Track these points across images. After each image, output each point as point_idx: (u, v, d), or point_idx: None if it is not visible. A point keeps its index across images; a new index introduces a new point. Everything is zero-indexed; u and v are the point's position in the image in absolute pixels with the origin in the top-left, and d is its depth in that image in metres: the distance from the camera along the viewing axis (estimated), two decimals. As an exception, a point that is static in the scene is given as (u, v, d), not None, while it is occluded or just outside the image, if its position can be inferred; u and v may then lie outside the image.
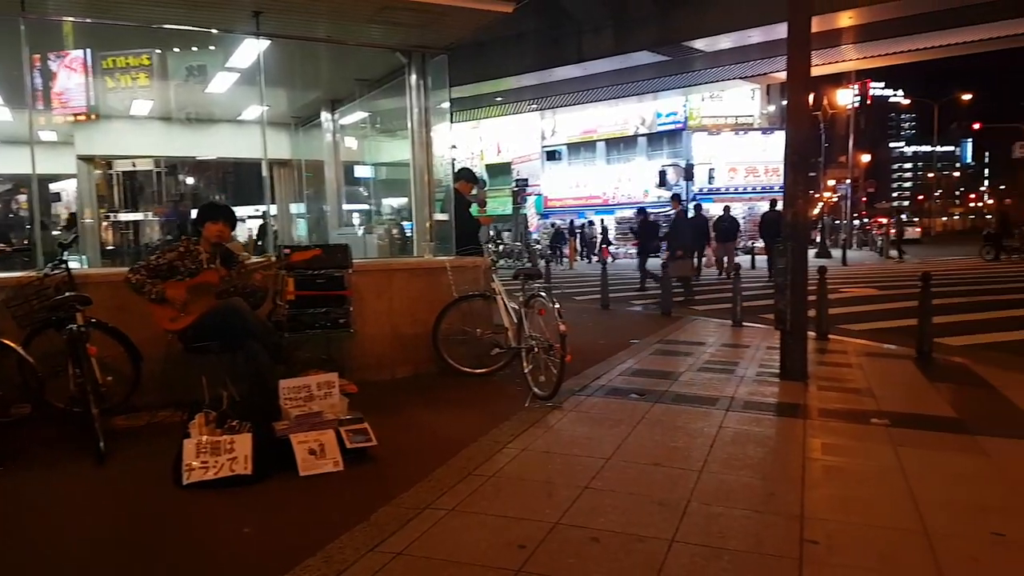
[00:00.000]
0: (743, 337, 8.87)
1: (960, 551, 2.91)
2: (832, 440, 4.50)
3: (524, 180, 36.66)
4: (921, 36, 21.27)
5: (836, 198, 53.69)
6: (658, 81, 28.68)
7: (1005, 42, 23.43)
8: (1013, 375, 6.31)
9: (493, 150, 44.92)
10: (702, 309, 12.26)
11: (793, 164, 6.24)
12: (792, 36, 6.11)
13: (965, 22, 20.10)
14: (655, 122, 37.64)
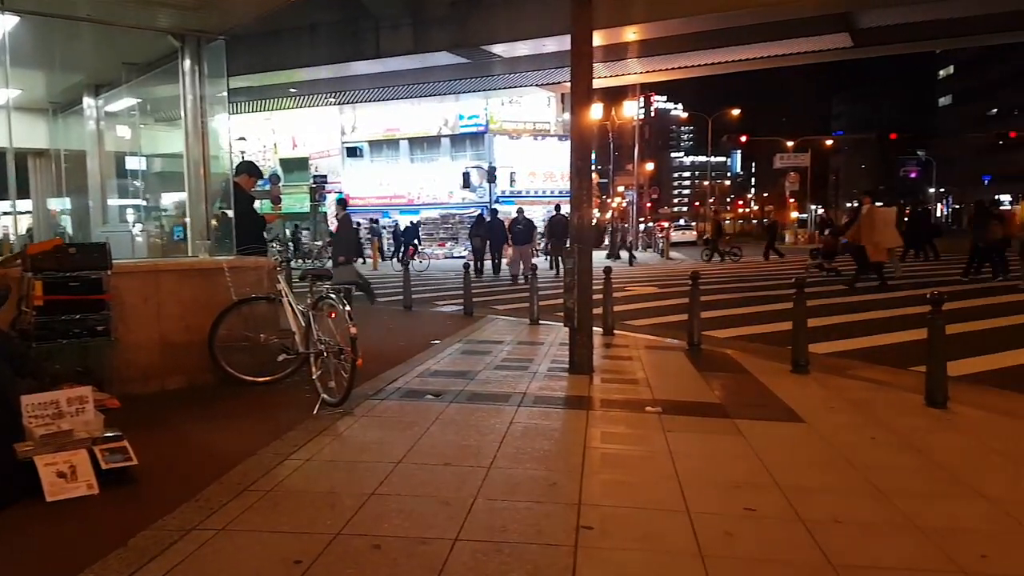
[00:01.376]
0: (539, 335, 9.17)
1: (716, 527, 3.15)
2: (611, 429, 4.74)
3: (323, 177, 35.58)
4: (696, 53, 23.34)
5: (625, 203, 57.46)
6: (459, 83, 29.05)
7: (769, 61, 26.32)
8: (767, 363, 7.02)
9: (288, 143, 43.06)
10: (503, 309, 12.55)
11: (578, 170, 6.53)
12: (575, 47, 6.40)
13: (735, 42, 22.30)
14: (458, 124, 38.11)
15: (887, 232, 15.04)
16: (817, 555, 2.88)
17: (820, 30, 20.56)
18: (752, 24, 20.39)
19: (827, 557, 2.85)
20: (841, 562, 2.81)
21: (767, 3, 17.41)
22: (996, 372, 6.67)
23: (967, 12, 19.86)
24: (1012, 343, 7.96)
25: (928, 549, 2.94)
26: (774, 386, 5.98)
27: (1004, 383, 6.24)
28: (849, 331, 9.08)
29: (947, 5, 18.72)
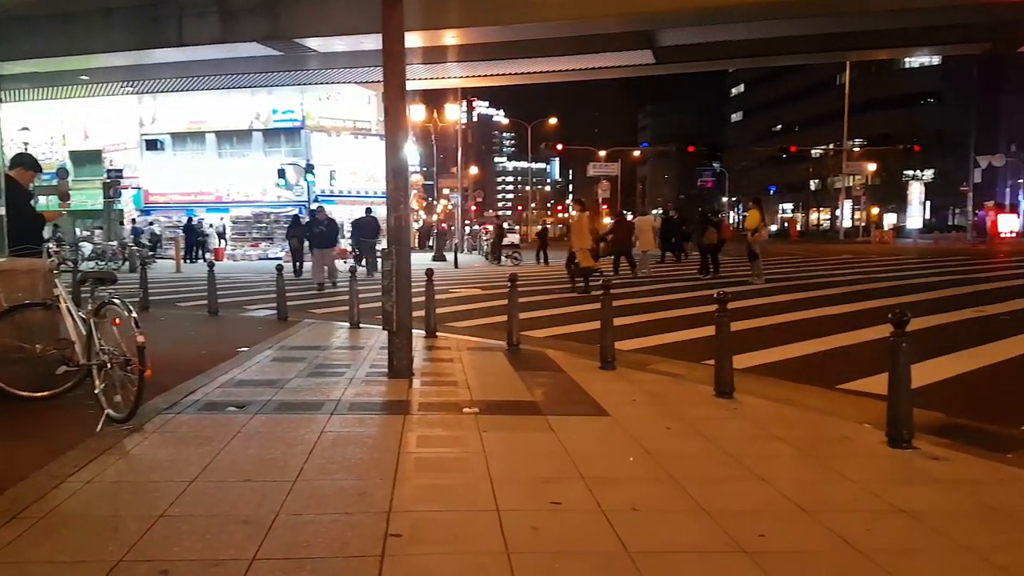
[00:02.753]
0: (359, 339, 8.97)
1: (523, 523, 3.22)
2: (428, 432, 4.71)
3: (118, 171, 32.70)
4: (513, 62, 23.98)
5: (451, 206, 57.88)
6: (273, 76, 27.75)
7: (581, 74, 27.56)
8: (580, 361, 7.32)
9: (79, 135, 39.07)
10: (321, 312, 12.16)
11: (394, 170, 6.45)
12: (387, 46, 6.33)
13: (549, 53, 23.13)
14: (271, 118, 36.41)
15: (630, 236, 18.63)
16: (615, 544, 3.01)
17: (626, 46, 21.85)
18: (564, 37, 21.26)
19: (624, 545, 2.99)
20: (637, 549, 2.96)
21: (572, 17, 18.23)
22: (775, 364, 7.36)
23: (751, 35, 21.97)
24: (786, 339, 8.84)
25: (714, 531, 3.17)
26: (584, 382, 6.23)
27: (783, 374, 6.90)
28: (650, 329, 9.68)
29: (736, 28, 20.59)
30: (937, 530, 3.19)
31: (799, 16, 18.84)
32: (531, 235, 73.87)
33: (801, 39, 22.51)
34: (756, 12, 18.30)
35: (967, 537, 3.11)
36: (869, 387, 5.95)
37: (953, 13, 19.21)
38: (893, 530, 3.21)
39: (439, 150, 44.57)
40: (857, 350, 7.86)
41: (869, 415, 4.98)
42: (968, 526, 3.24)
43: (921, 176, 60.52)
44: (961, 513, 3.41)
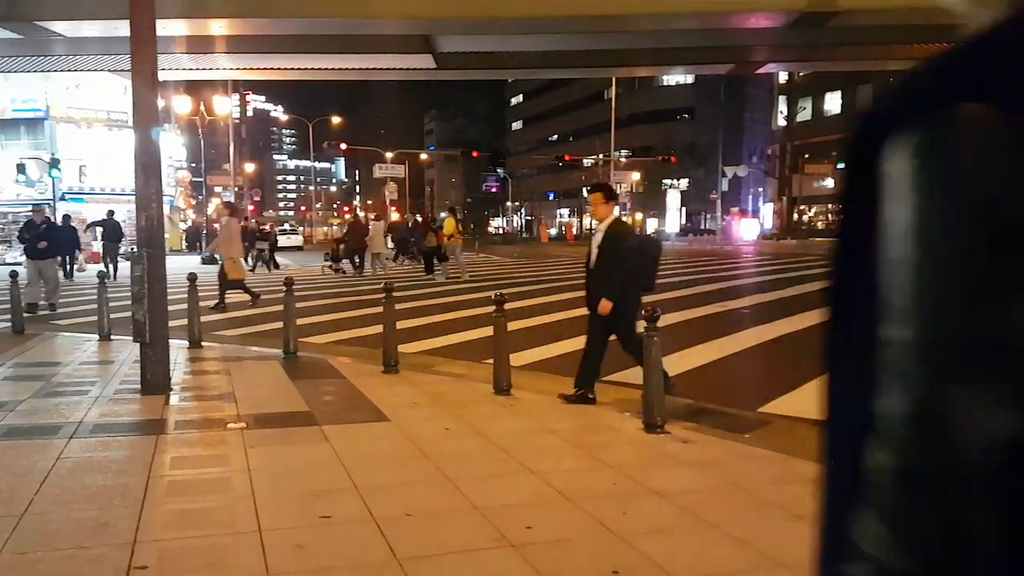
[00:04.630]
0: (110, 352, 8.11)
1: (288, 541, 3.04)
2: (185, 453, 4.33)
3: None
4: (288, 56, 22.93)
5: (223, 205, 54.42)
6: (12, 61, 24.35)
7: (362, 73, 27.10)
8: (362, 366, 7.15)
9: None
10: (66, 324, 10.83)
11: (144, 166, 5.89)
12: (135, 33, 5.79)
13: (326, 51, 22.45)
14: (9, 107, 32.04)
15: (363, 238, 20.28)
16: (385, 552, 2.93)
17: (406, 49, 21.81)
18: (343, 35, 20.77)
19: (394, 553, 2.93)
20: (407, 555, 2.90)
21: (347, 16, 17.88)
22: (550, 360, 7.68)
23: (528, 47, 22.92)
24: (561, 335, 9.28)
25: (485, 528, 3.20)
26: (365, 388, 6.09)
27: (557, 369, 7.21)
28: (435, 330, 9.72)
29: (513, 40, 21.35)
30: (686, 508, 3.46)
31: (568, 32, 19.95)
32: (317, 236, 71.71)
33: (573, 54, 23.85)
34: (528, 26, 19.12)
35: (712, 514, 3.40)
36: (631, 378, 6.37)
37: (701, 36, 21.35)
38: (647, 511, 3.44)
39: (209, 145, 41.70)
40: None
41: (631, 404, 5.32)
42: (713, 503, 3.55)
43: (677, 185, 66.68)
44: (707, 491, 3.74)
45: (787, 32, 19.89)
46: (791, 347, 8.42)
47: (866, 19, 18.78)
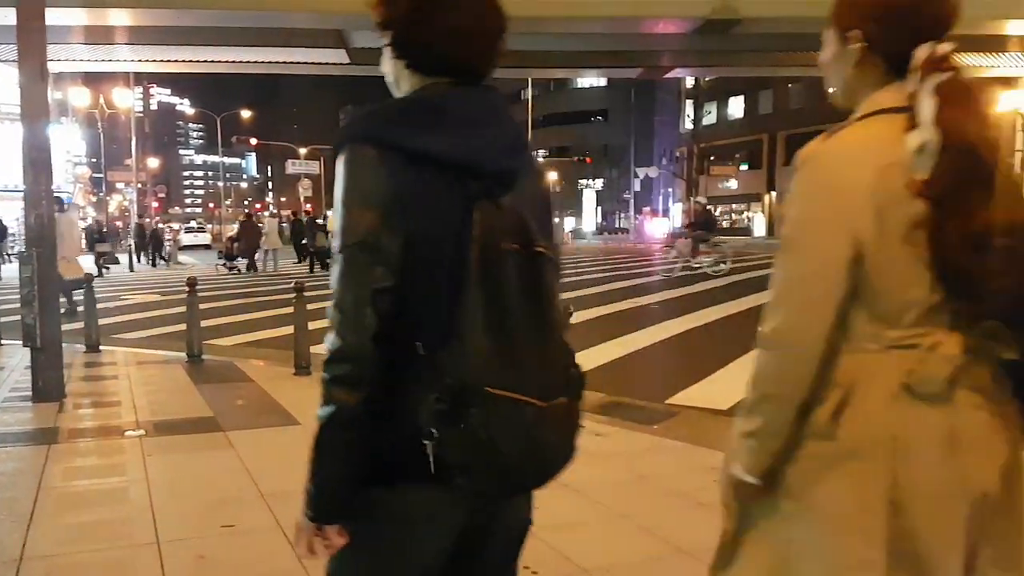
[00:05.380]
0: (0, 357, 7.63)
1: (189, 552, 2.93)
2: (79, 463, 4.12)
3: None
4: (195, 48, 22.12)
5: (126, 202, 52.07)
6: None
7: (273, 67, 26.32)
8: (273, 368, 6.96)
9: None
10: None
11: (34, 162, 5.56)
12: (21, 22, 5.47)
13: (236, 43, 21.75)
14: None
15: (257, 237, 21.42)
16: (291, 562, 2.86)
17: (319, 43, 21.38)
18: (251, 27, 20.19)
19: (301, 561, 2.86)
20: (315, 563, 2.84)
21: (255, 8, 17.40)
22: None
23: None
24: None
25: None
26: (274, 391, 5.93)
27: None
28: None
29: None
30: (598, 501, 3.53)
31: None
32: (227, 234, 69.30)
33: (488, 52, 23.96)
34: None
35: (622, 505, 3.48)
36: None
37: (612, 40, 21.80)
38: (559, 506, 3.47)
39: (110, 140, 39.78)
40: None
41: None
42: (623, 495, 3.63)
43: (593, 185, 67.88)
44: (617, 483, 3.82)
45: (693, 38, 20.54)
46: (697, 340, 8.71)
47: (766, 27, 19.59)
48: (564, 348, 1.23)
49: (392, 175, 1.14)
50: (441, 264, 1.14)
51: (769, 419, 1.25)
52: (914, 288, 1.19)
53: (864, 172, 1.19)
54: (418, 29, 1.23)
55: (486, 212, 1.16)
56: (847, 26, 1.29)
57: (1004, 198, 1.18)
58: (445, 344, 1.12)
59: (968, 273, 1.16)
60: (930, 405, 1.19)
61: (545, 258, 1.20)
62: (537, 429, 1.14)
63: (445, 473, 1.12)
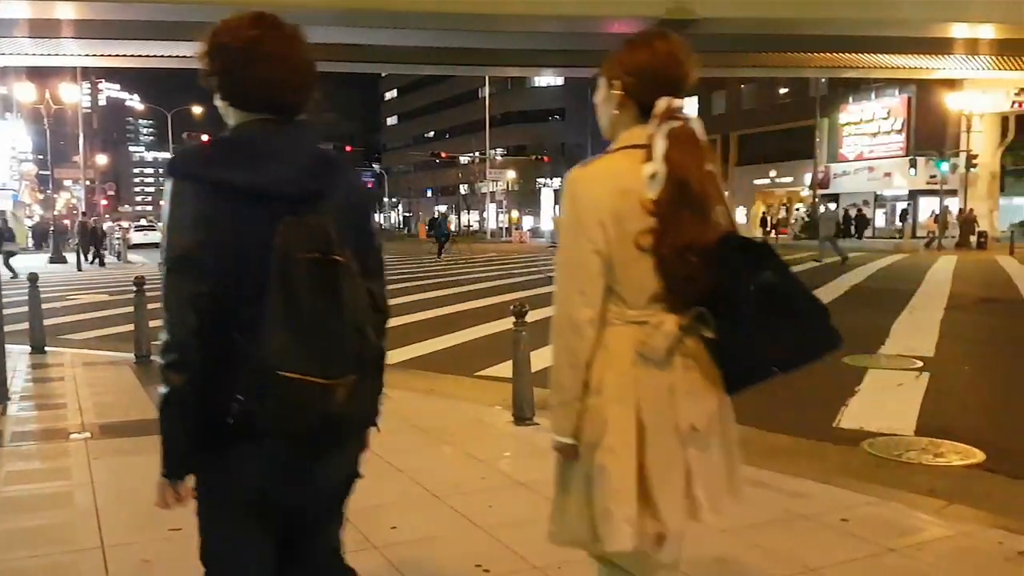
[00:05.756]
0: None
1: (134, 556, 2.88)
2: (22, 467, 4.02)
3: None
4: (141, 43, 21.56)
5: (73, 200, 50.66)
6: None
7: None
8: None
9: None
10: None
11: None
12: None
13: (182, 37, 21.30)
14: None
15: None
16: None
17: (273, 38, 21.04)
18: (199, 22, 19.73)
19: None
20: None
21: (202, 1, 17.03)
22: (421, 358, 7.66)
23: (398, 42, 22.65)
24: (433, 333, 9.28)
25: (349, 531, 3.14)
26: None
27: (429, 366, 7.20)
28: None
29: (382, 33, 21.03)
30: (548, 498, 3.53)
31: (437, 28, 19.91)
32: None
33: (444, 50, 23.77)
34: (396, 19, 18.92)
35: (572, 500, 3.51)
36: (503, 372, 6.45)
37: (569, 39, 21.86)
38: (512, 503, 3.51)
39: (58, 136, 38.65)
40: (494, 339, 8.50)
41: (501, 397, 5.38)
42: (573, 490, 3.67)
43: (551, 184, 68.10)
44: (569, 479, 3.85)
45: (649, 38, 20.73)
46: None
47: (721, 28, 19.88)
48: (358, 335, 1.48)
49: (202, 202, 1.44)
50: (248, 272, 1.43)
51: (568, 386, 1.67)
52: (645, 280, 1.63)
53: (607, 192, 1.62)
54: (233, 79, 1.54)
55: (288, 227, 1.41)
56: (612, 77, 1.71)
57: (708, 222, 1.63)
58: (252, 336, 1.40)
59: (678, 273, 1.61)
60: (656, 367, 1.64)
61: (342, 265, 1.45)
62: (323, 402, 1.42)
63: (254, 436, 1.43)
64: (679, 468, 1.67)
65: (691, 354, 1.66)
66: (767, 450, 4.40)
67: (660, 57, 1.68)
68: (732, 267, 1.62)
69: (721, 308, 1.63)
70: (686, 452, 1.67)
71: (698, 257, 1.60)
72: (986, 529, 3.13)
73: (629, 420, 1.64)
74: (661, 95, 1.64)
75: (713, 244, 1.63)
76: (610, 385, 1.65)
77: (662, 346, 1.63)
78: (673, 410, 1.65)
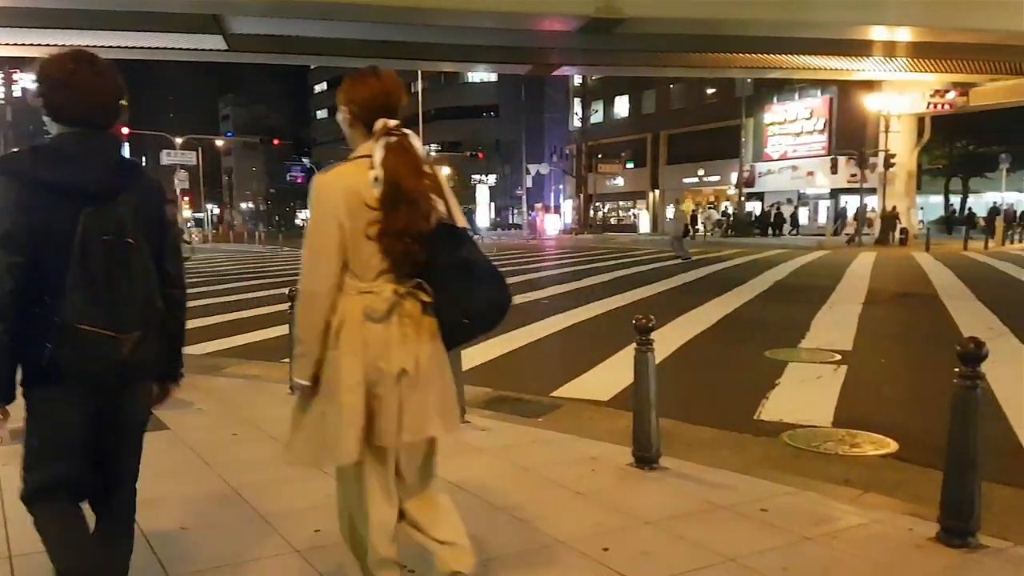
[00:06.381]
0: None
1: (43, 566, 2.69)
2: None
3: None
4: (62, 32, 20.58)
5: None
6: None
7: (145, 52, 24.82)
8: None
9: None
10: None
11: None
12: None
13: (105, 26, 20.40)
14: None
15: None
16: (156, 570, 2.72)
17: (195, 28, 20.31)
18: (122, 11, 18.95)
19: (166, 570, 2.73)
20: (181, 572, 2.72)
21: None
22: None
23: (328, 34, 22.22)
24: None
25: (269, 536, 3.07)
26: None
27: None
28: (223, 330, 9.20)
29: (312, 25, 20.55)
30: (477, 496, 3.53)
31: (368, 20, 19.60)
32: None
33: (374, 43, 23.42)
34: (325, 11, 18.55)
35: (501, 498, 3.50)
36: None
37: (501, 35, 21.87)
38: (439, 503, 3.47)
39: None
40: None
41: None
42: (503, 488, 3.66)
43: (486, 180, 68.09)
44: (498, 477, 3.84)
45: (579, 37, 20.90)
46: (583, 334, 8.91)
47: (649, 27, 20.19)
48: (144, 301, 1.99)
49: (21, 194, 1.91)
50: (57, 248, 1.88)
51: (308, 341, 2.15)
52: (372, 260, 2.14)
53: (341, 193, 2.12)
54: (54, 101, 2.02)
55: (88, 216, 1.90)
56: (342, 104, 2.25)
57: (420, 214, 2.15)
58: (58, 298, 1.88)
59: (397, 253, 2.13)
60: (378, 323, 2.14)
61: (133, 246, 1.97)
62: (113, 351, 1.91)
63: (60, 377, 1.92)
64: (393, 400, 2.15)
65: (408, 314, 2.17)
66: (690, 442, 4.50)
67: (374, 91, 2.22)
68: (440, 246, 2.16)
69: (433, 278, 2.17)
70: (399, 388, 2.15)
71: (413, 240, 2.13)
72: (898, 516, 3.25)
73: (357, 366, 2.13)
74: (379, 117, 2.18)
75: (428, 230, 2.15)
76: (344, 340, 2.13)
77: (382, 308, 2.14)
78: (389, 357, 2.14)
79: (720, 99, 44.07)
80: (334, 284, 2.12)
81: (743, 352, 7.62)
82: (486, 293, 2.22)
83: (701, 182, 47.37)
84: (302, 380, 2.19)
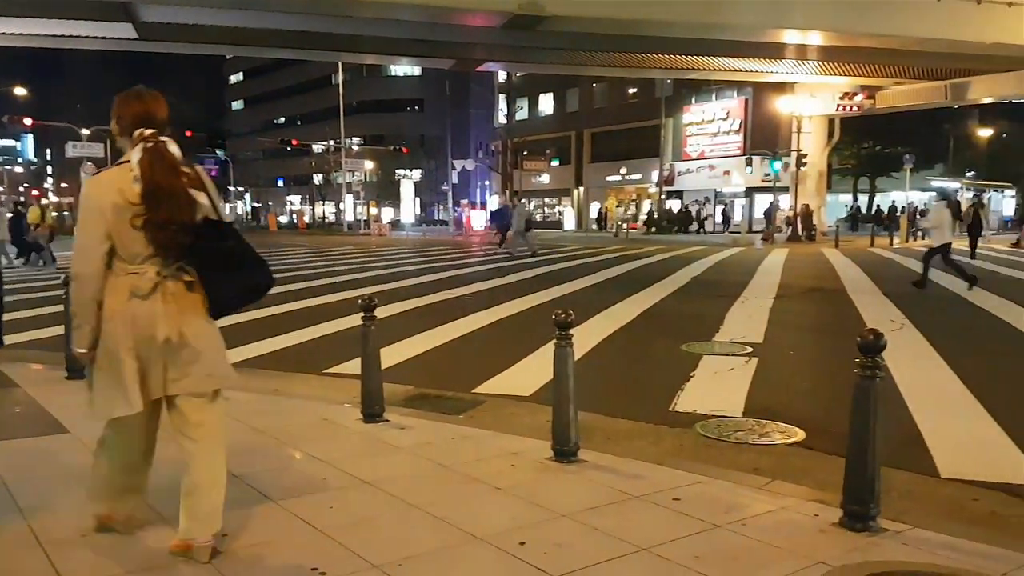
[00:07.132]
0: None
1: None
2: None
3: None
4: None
5: None
6: None
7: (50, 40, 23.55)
8: (45, 372, 6.25)
9: None
10: None
11: None
12: None
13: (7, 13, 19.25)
14: None
15: None
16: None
17: (103, 16, 19.37)
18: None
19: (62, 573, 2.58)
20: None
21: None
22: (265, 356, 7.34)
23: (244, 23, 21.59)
24: (277, 330, 8.93)
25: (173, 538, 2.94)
26: (42, 397, 5.35)
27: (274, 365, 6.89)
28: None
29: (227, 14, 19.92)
30: (393, 494, 3.48)
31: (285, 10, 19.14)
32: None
33: (292, 34, 22.82)
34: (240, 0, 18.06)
35: (417, 496, 3.45)
36: (352, 368, 6.27)
37: (424, 29, 21.69)
38: (354, 503, 3.41)
39: None
40: (346, 335, 8.28)
41: (351, 395, 5.21)
42: (419, 486, 3.61)
43: (411, 175, 67.46)
44: (417, 475, 3.79)
45: (502, 33, 20.95)
46: (507, 330, 8.92)
47: (571, 26, 20.41)
48: None
49: None
50: None
51: (82, 315, 2.65)
52: (137, 247, 2.61)
53: (107, 192, 2.60)
54: None
55: None
56: (113, 117, 2.76)
57: (180, 205, 2.62)
58: None
59: (160, 240, 2.60)
60: (143, 300, 2.62)
61: None
62: None
63: None
64: (160, 363, 2.66)
65: (171, 292, 2.65)
66: (608, 435, 4.56)
67: (135, 109, 2.73)
68: (204, 236, 2.65)
69: (203, 264, 2.67)
70: (164, 353, 2.64)
71: (179, 229, 2.59)
72: (804, 503, 3.37)
73: (128, 335, 2.61)
74: (138, 128, 2.67)
75: (188, 221, 2.62)
76: (115, 314, 2.62)
77: (146, 287, 2.62)
78: (154, 328, 2.61)
79: (641, 99, 44.94)
80: (99, 267, 2.61)
81: (661, 346, 7.78)
82: (248, 276, 2.78)
83: (624, 180, 48.21)
84: (81, 348, 2.68)
